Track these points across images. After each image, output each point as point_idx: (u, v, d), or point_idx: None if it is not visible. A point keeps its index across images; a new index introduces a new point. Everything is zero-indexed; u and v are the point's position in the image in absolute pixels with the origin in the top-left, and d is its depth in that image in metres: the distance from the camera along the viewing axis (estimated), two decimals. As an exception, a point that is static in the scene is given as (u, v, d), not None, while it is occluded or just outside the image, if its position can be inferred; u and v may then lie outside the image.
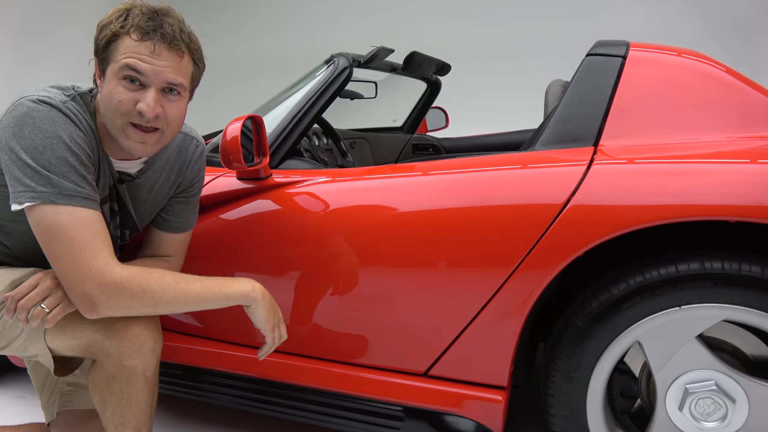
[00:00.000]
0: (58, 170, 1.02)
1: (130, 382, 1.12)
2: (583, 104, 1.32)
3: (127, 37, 1.03)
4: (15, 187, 1.02)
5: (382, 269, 1.33)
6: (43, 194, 1.01)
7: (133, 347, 1.10)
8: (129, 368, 1.11)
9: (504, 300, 1.22)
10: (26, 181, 1.01)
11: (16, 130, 1.02)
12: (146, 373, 1.13)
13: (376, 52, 1.79)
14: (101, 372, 1.12)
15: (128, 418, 1.15)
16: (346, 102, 2.34)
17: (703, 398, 1.16)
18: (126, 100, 1.04)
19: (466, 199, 1.26)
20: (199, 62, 1.13)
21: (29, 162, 1.01)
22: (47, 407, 1.41)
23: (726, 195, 1.08)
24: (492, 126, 2.96)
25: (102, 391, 1.13)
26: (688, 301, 1.12)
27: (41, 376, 1.41)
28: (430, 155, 2.82)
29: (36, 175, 1.01)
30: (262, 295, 1.18)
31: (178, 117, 1.12)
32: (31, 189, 1.01)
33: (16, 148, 1.01)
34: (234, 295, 1.16)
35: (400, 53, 2.10)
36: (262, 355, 1.24)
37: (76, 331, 1.10)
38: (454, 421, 1.32)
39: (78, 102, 1.10)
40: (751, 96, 1.30)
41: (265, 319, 1.19)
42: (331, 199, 1.39)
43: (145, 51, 1.03)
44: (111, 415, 1.15)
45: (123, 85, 1.04)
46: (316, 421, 1.46)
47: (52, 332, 1.10)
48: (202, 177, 1.37)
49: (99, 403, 1.15)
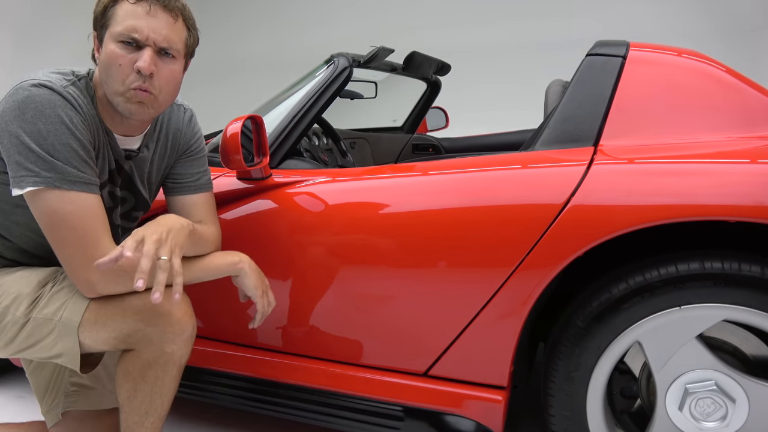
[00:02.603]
0: (62, 156, 1.04)
1: (167, 368, 1.14)
2: (583, 104, 1.32)
3: (124, 2, 1.07)
4: (16, 171, 1.03)
5: (382, 269, 1.33)
6: (47, 179, 1.02)
7: (176, 332, 1.12)
8: (168, 354, 1.13)
9: (504, 300, 1.22)
10: (29, 166, 1.02)
11: (17, 114, 1.03)
12: (181, 360, 1.16)
13: (376, 52, 1.79)
14: (137, 360, 1.13)
15: (155, 406, 1.16)
16: (346, 102, 2.34)
17: (703, 398, 1.16)
18: (125, 63, 1.07)
19: (466, 199, 1.26)
20: (192, 29, 1.17)
21: (33, 146, 1.02)
22: (51, 410, 1.39)
23: (726, 195, 1.08)
24: (492, 126, 2.96)
25: (135, 379, 1.14)
26: (688, 301, 1.12)
27: (44, 380, 1.39)
28: (430, 155, 2.82)
29: (39, 160, 1.02)
30: (248, 264, 1.25)
31: (171, 80, 1.13)
32: (34, 174, 1.02)
33: (18, 132, 1.02)
34: (223, 265, 1.22)
35: (400, 53, 2.10)
36: (255, 323, 1.28)
37: (117, 323, 1.10)
38: (454, 421, 1.32)
39: (78, 87, 1.12)
40: (751, 96, 1.30)
41: (254, 286, 1.25)
42: (331, 199, 1.39)
43: (141, 12, 1.07)
44: (139, 402, 1.16)
45: (120, 47, 1.07)
46: (316, 421, 1.46)
47: (88, 327, 1.10)
48: (200, 136, 1.38)
49: (128, 392, 1.15)
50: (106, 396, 1.41)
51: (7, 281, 1.15)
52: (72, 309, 1.11)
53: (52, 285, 1.15)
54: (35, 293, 1.13)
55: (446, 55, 2.55)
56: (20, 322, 1.11)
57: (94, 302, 1.11)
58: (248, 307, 1.48)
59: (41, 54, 5.23)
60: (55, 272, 1.18)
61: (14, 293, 1.13)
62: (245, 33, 6.49)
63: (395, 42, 2.09)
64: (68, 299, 1.12)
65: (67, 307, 1.11)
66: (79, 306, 1.11)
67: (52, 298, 1.13)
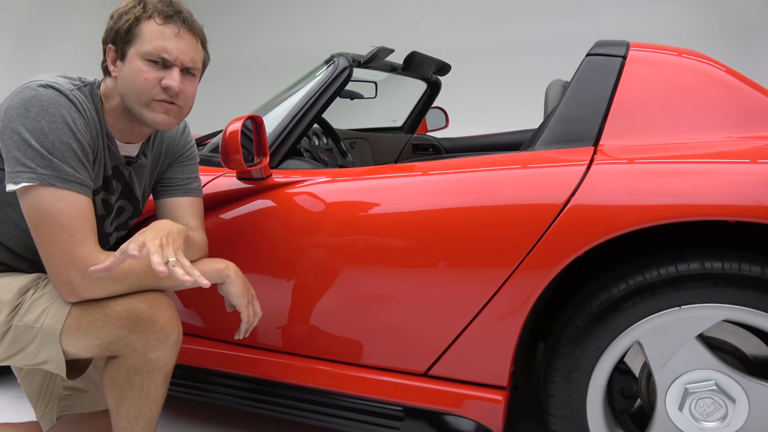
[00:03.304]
0: (60, 154, 1.05)
1: (152, 375, 1.13)
2: (583, 104, 1.32)
3: (151, 21, 1.12)
4: (13, 167, 1.04)
5: (382, 269, 1.33)
6: (42, 176, 1.03)
7: (160, 339, 1.11)
8: (153, 361, 1.12)
9: (504, 300, 1.22)
10: (26, 162, 1.03)
11: (21, 111, 1.04)
12: (167, 366, 1.15)
13: (376, 52, 1.79)
14: (121, 367, 1.13)
15: (144, 412, 1.16)
16: (346, 102, 2.34)
17: (703, 398, 1.16)
18: (151, 78, 1.12)
19: (466, 199, 1.26)
20: (206, 49, 1.23)
21: (33, 143, 1.03)
22: (45, 414, 1.39)
23: (726, 195, 1.08)
24: (492, 126, 2.96)
25: (121, 386, 1.14)
26: (688, 301, 1.12)
27: (36, 385, 1.38)
28: (430, 155, 2.82)
29: (38, 157, 1.03)
30: (235, 272, 1.24)
31: (192, 96, 1.21)
32: (30, 170, 1.03)
33: (20, 128, 1.04)
34: (208, 271, 1.20)
35: (400, 53, 2.10)
36: (240, 334, 1.27)
37: (99, 330, 1.10)
38: (454, 421, 1.32)
39: (84, 92, 1.14)
40: (751, 96, 1.30)
41: (239, 295, 1.23)
42: (331, 199, 1.39)
43: (170, 34, 1.13)
44: (126, 409, 1.15)
45: (148, 65, 1.12)
46: (316, 421, 1.46)
47: (70, 334, 1.10)
48: (192, 146, 1.42)
49: (115, 399, 1.15)
50: (99, 398, 1.40)
51: None
52: (53, 316, 1.10)
53: (33, 292, 1.14)
54: (16, 300, 1.12)
55: (446, 55, 2.55)
56: (1, 330, 1.11)
57: (76, 309, 1.10)
58: (248, 307, 1.48)
59: (41, 54, 5.23)
60: (36, 279, 1.17)
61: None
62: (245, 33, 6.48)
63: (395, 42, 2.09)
64: (49, 306, 1.11)
65: (48, 314, 1.10)
66: (60, 313, 1.10)
67: (33, 305, 1.12)
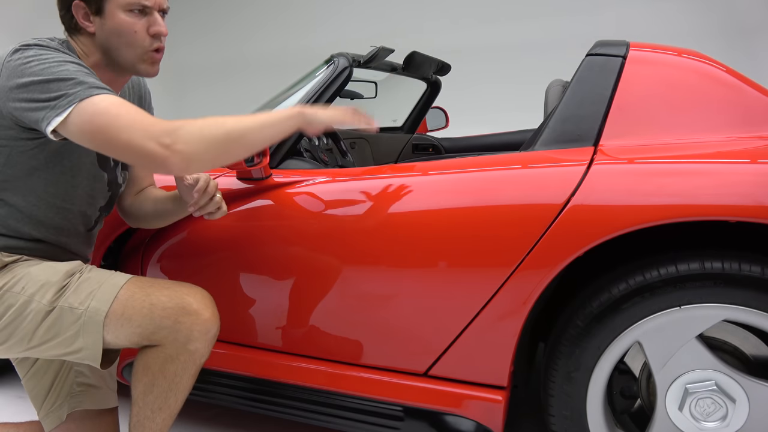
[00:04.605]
0: (80, 73, 1.06)
1: (187, 366, 1.15)
2: (583, 104, 1.32)
3: None
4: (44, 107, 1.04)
5: (382, 269, 1.33)
6: (76, 93, 1.03)
7: (202, 331, 1.13)
8: (191, 351, 1.13)
9: (504, 300, 1.22)
10: (53, 95, 1.03)
11: (23, 69, 1.05)
12: (201, 359, 1.16)
13: (376, 52, 1.79)
14: (158, 355, 1.13)
15: (170, 403, 1.17)
16: (346, 102, 2.34)
17: (703, 398, 1.16)
18: (140, 30, 1.16)
19: (466, 199, 1.26)
20: None
21: (50, 78, 1.04)
22: (52, 412, 1.36)
23: (726, 195, 1.08)
24: (492, 126, 2.96)
25: (154, 374, 1.14)
26: (688, 301, 1.12)
27: (45, 383, 1.36)
28: (430, 155, 2.82)
29: (61, 83, 1.04)
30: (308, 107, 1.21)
31: None
32: (61, 97, 1.03)
33: (28, 81, 1.04)
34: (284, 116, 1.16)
35: (400, 53, 2.10)
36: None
37: (144, 319, 1.11)
38: (454, 421, 1.32)
39: (63, 48, 1.15)
40: (751, 96, 1.30)
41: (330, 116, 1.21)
42: (331, 199, 1.40)
43: None
44: (154, 398, 1.16)
45: (132, 16, 1.15)
46: (316, 421, 1.46)
47: (114, 320, 1.10)
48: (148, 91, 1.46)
49: (145, 386, 1.16)
50: (109, 395, 1.40)
51: (33, 271, 1.15)
52: (100, 299, 1.11)
53: (79, 276, 1.16)
54: (63, 281, 1.13)
55: (446, 55, 2.55)
56: (44, 311, 1.11)
57: (123, 293, 1.12)
58: (250, 306, 1.48)
59: (41, 54, 5.23)
60: (81, 265, 1.20)
61: (42, 281, 1.13)
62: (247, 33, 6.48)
63: (395, 42, 2.09)
64: (96, 289, 1.13)
65: (95, 296, 1.12)
66: (107, 296, 1.11)
67: (79, 287, 1.13)
